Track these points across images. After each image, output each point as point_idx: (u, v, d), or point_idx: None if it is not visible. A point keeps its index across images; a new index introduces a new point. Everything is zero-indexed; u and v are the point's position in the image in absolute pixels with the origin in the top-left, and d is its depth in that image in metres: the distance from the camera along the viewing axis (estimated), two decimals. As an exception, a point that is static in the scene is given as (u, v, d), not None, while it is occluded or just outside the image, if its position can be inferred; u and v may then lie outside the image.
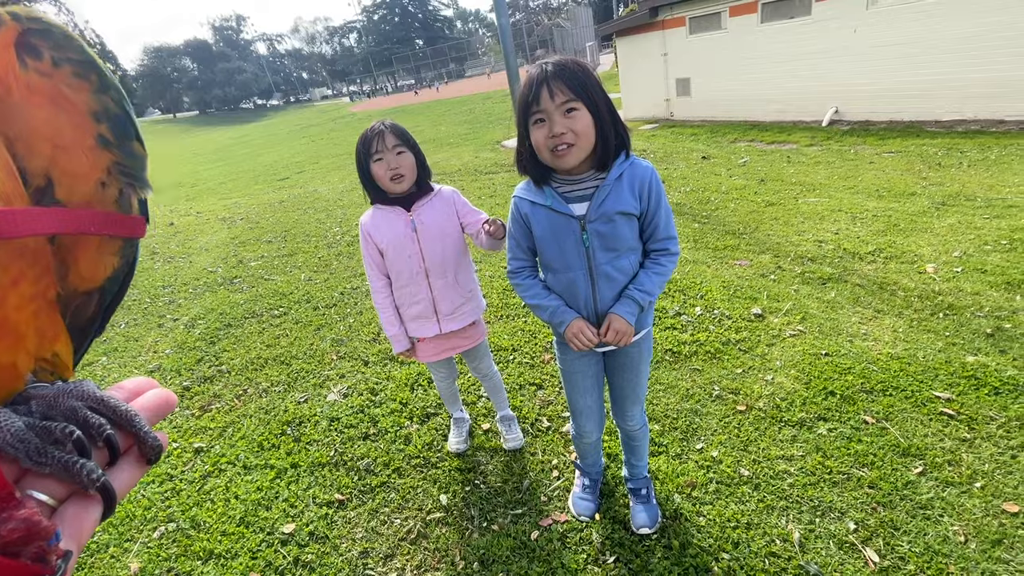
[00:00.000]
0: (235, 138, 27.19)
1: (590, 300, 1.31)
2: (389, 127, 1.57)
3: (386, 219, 1.66)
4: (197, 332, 3.61)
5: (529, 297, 1.38)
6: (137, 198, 0.46)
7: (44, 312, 0.40)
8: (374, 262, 1.72)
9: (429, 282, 1.70)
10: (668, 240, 1.29)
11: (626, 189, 1.22)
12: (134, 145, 0.44)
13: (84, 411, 0.34)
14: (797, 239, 3.79)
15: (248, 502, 1.99)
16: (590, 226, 1.24)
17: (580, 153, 1.18)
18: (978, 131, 6.49)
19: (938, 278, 2.94)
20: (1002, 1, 6.12)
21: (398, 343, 1.80)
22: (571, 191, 1.26)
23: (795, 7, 8.23)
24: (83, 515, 0.32)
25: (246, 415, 2.58)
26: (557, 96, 1.13)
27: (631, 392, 1.51)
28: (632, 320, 1.27)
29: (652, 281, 1.28)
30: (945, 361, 2.22)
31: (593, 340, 1.29)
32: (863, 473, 1.73)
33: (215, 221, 7.18)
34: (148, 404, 0.38)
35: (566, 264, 1.30)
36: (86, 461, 0.32)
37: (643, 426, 1.62)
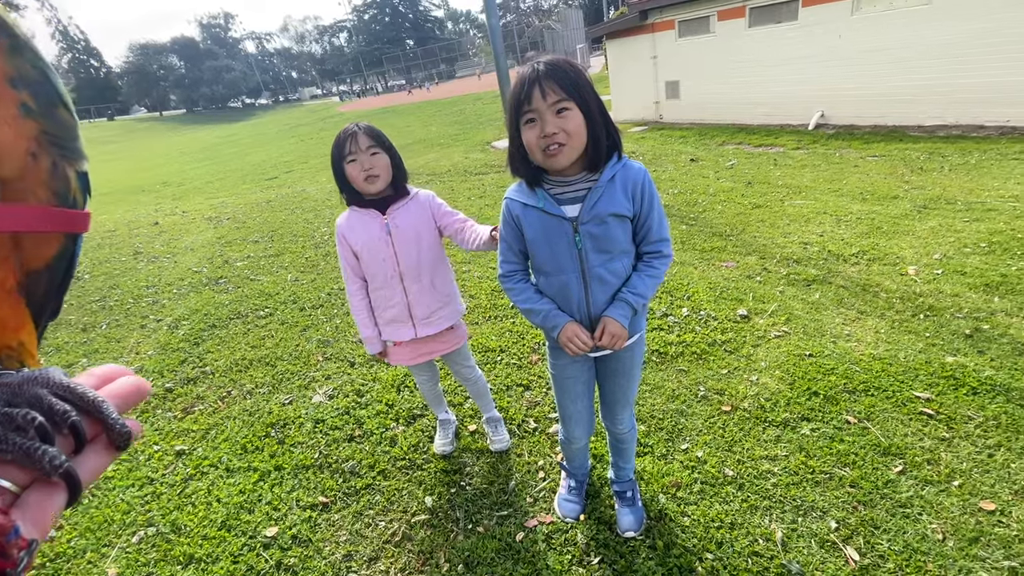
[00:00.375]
0: (223, 137, 26.89)
1: (583, 303, 1.29)
2: (363, 129, 1.56)
3: (361, 221, 1.64)
4: (181, 333, 3.56)
5: (521, 301, 1.36)
6: (74, 170, 0.43)
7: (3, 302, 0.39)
8: (349, 264, 1.70)
9: (404, 286, 1.68)
10: (661, 242, 1.28)
11: (619, 191, 1.21)
12: (60, 112, 0.41)
13: (49, 398, 0.34)
14: (783, 241, 3.84)
15: (230, 505, 1.96)
16: (583, 228, 1.22)
17: (572, 153, 1.17)
18: (959, 136, 6.61)
19: (919, 280, 2.99)
20: (982, 9, 6.25)
21: (371, 345, 1.79)
22: (563, 193, 1.24)
23: (782, 12, 8.34)
24: (46, 502, 0.31)
25: (230, 417, 2.54)
26: (549, 96, 1.11)
27: (622, 396, 1.50)
28: (626, 323, 1.26)
29: (645, 284, 1.26)
30: (925, 362, 2.25)
31: (588, 344, 1.27)
32: (845, 472, 1.75)
33: (201, 220, 7.09)
34: (118, 391, 0.37)
35: (558, 267, 1.28)
36: (48, 447, 0.31)
37: (631, 429, 1.62)
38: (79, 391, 0.35)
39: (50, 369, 0.37)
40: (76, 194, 0.44)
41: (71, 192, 0.43)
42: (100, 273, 5.20)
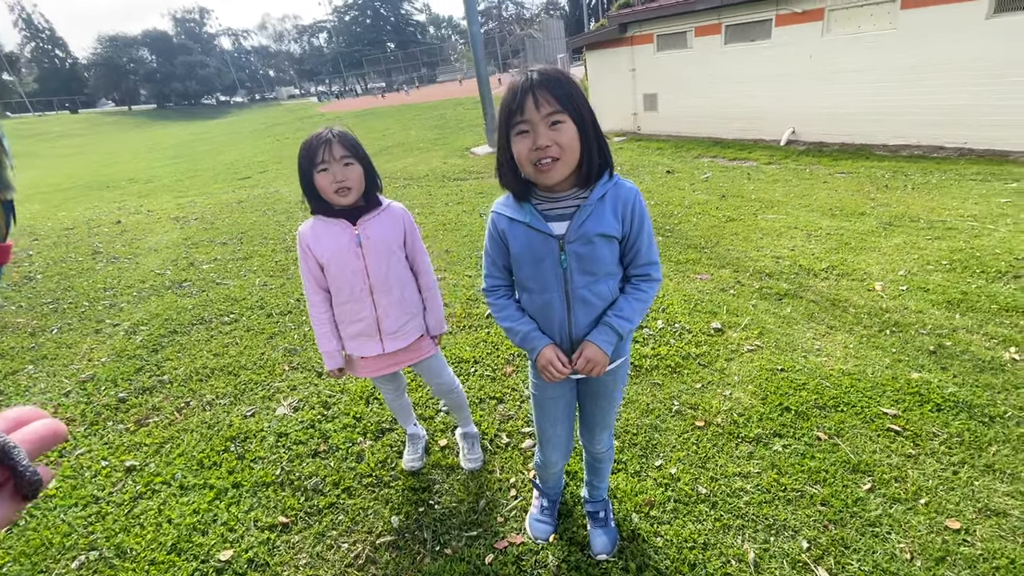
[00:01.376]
0: (195, 134, 26.14)
1: (565, 324, 1.24)
2: (337, 136, 1.47)
3: (329, 232, 1.56)
4: (139, 339, 3.39)
5: (502, 319, 1.31)
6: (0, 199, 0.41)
7: None
8: (312, 276, 1.62)
9: (374, 299, 1.61)
10: (649, 265, 1.23)
11: (608, 210, 1.16)
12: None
13: None
14: (756, 255, 3.89)
15: (182, 527, 1.84)
16: (569, 247, 1.17)
17: (564, 169, 1.11)
18: (921, 156, 6.88)
19: (885, 296, 3.06)
20: (942, 37, 6.54)
21: (331, 360, 1.70)
22: (551, 209, 1.19)
23: (757, 31, 8.57)
24: None
25: (187, 430, 2.41)
26: (543, 106, 1.05)
27: (602, 419, 1.46)
28: (608, 349, 1.20)
29: (632, 308, 1.21)
30: (892, 377, 2.29)
31: (564, 372, 1.23)
32: (816, 490, 1.75)
33: (167, 220, 6.83)
34: (31, 436, 0.36)
35: (542, 285, 1.23)
36: None
37: (610, 449, 1.58)
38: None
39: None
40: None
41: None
42: (54, 273, 4.94)
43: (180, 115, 46.20)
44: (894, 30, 7.01)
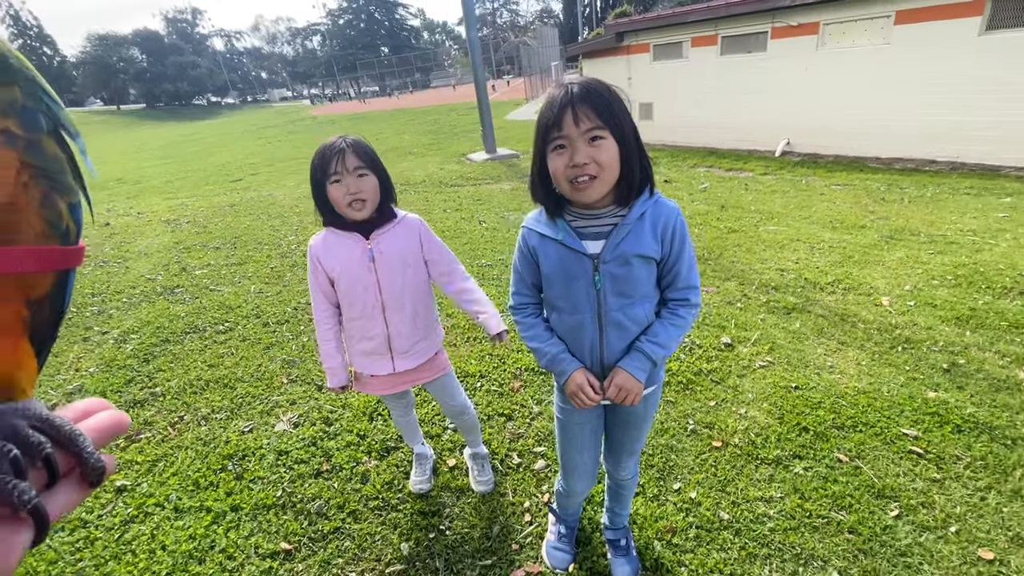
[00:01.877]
0: (185, 135, 25.81)
1: (596, 348, 1.17)
2: (351, 145, 1.39)
3: (341, 245, 1.49)
4: (129, 348, 3.26)
5: (529, 338, 1.25)
6: (65, 202, 0.43)
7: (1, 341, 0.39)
8: (322, 290, 1.54)
9: (385, 317, 1.54)
10: (689, 290, 1.16)
11: (648, 230, 1.10)
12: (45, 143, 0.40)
13: (26, 430, 0.34)
14: (760, 267, 3.87)
15: (177, 554, 1.74)
16: (604, 267, 1.11)
17: (603, 187, 1.06)
18: (914, 169, 6.96)
19: (893, 311, 3.04)
20: (934, 53, 6.64)
21: (335, 377, 1.61)
22: (586, 227, 1.12)
23: (752, 43, 8.64)
24: (12, 539, 0.31)
25: (181, 447, 2.31)
26: (583, 122, 1.00)
27: (631, 446, 1.38)
28: (642, 376, 1.13)
29: (668, 334, 1.14)
30: (908, 396, 2.26)
31: (595, 399, 1.16)
32: (842, 517, 1.70)
33: (158, 223, 6.67)
34: (96, 425, 0.38)
35: (573, 306, 1.16)
36: (19, 482, 0.31)
37: (635, 476, 1.51)
38: (56, 423, 0.35)
39: (31, 401, 0.37)
40: (69, 223, 0.44)
41: (63, 222, 0.43)
42: (39, 278, 4.77)
43: (170, 115, 45.67)
44: (888, 45, 7.10)
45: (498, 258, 4.38)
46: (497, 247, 4.65)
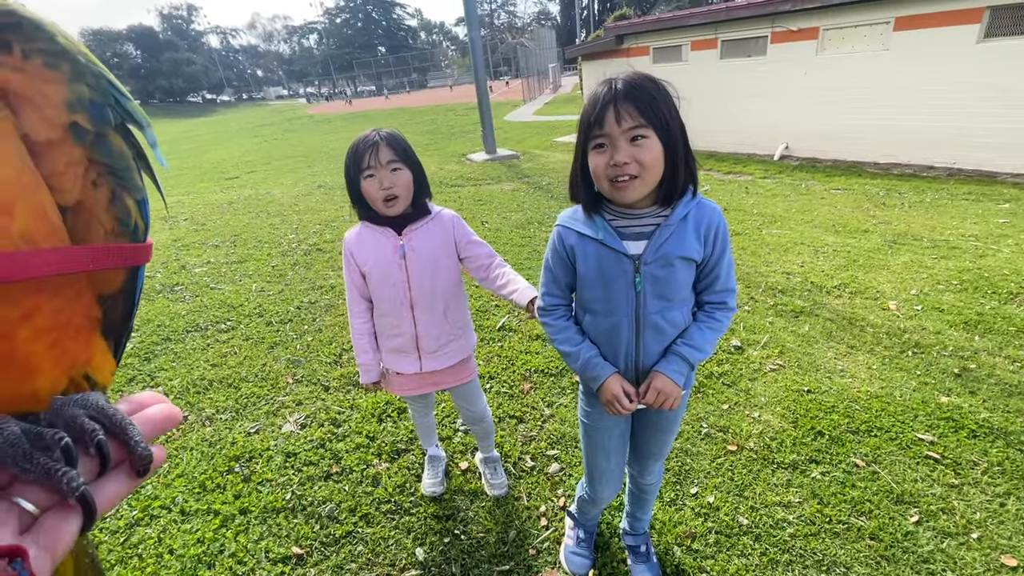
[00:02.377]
0: (180, 132, 25.60)
1: (632, 352, 1.15)
2: (385, 138, 1.36)
3: (373, 239, 1.47)
4: (129, 346, 3.20)
5: (560, 341, 1.21)
6: (133, 199, 0.44)
7: (70, 339, 0.40)
8: (355, 284, 1.52)
9: (414, 315, 1.51)
10: (727, 293, 1.14)
11: (691, 231, 1.07)
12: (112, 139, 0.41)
13: (82, 418, 0.35)
14: (766, 270, 3.87)
15: (186, 558, 1.70)
16: (645, 268, 1.08)
17: (644, 188, 1.03)
18: (912, 175, 7.01)
19: (901, 315, 3.04)
20: (932, 60, 6.69)
21: (367, 373, 1.60)
22: (627, 226, 1.09)
23: (752, 47, 8.68)
24: (61, 526, 0.32)
25: (186, 448, 2.26)
26: (625, 120, 0.98)
27: (659, 450, 1.36)
28: (680, 381, 1.11)
29: (705, 337, 1.12)
30: (921, 401, 2.25)
31: (630, 408, 1.13)
32: (862, 523, 1.68)
33: (154, 220, 6.57)
34: (149, 417, 0.39)
35: (610, 308, 1.14)
36: (68, 469, 0.32)
37: (659, 481, 1.49)
38: (108, 412, 0.37)
39: (91, 394, 0.39)
40: (138, 220, 0.45)
41: (132, 219, 0.44)
42: (34, 274, 4.69)
43: (164, 112, 45.32)
44: (887, 51, 7.15)
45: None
46: (501, 248, 4.63)
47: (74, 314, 0.40)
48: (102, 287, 0.45)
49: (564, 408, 2.37)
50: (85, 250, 0.38)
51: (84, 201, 0.40)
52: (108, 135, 0.40)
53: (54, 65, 0.38)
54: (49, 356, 0.38)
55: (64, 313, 0.39)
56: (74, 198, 0.39)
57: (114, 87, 0.41)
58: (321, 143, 14.86)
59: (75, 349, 0.41)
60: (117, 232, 0.42)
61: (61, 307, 0.39)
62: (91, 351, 0.43)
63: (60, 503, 0.32)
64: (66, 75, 0.38)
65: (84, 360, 0.42)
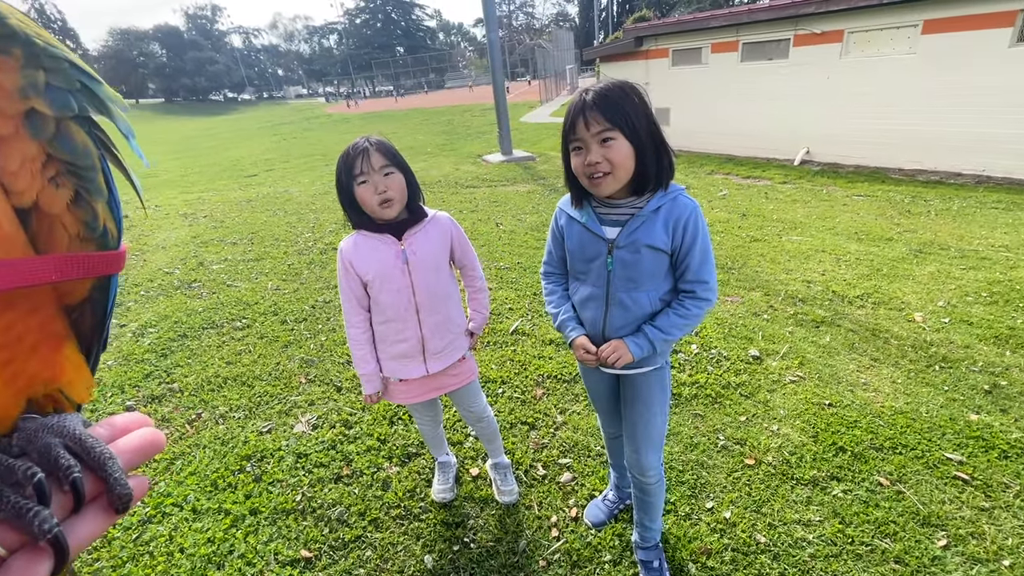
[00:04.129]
0: (201, 130, 26.07)
1: (600, 321, 1.32)
2: (375, 144, 1.36)
3: (372, 248, 1.45)
4: (147, 342, 3.25)
5: (548, 302, 1.44)
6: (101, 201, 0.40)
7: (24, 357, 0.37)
8: (354, 295, 1.50)
9: (419, 318, 1.50)
10: (697, 284, 1.24)
11: (660, 223, 1.20)
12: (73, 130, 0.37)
13: (58, 449, 0.33)
14: (785, 277, 3.78)
15: (196, 558, 1.70)
16: (616, 252, 1.24)
17: (615, 183, 1.17)
18: (938, 181, 6.81)
19: (927, 327, 2.95)
20: (961, 63, 6.50)
21: (370, 384, 1.58)
22: (608, 213, 1.26)
23: (774, 50, 8.54)
24: (30, 568, 0.30)
25: (199, 445, 2.27)
26: (592, 126, 1.12)
27: (644, 429, 1.40)
28: (638, 352, 1.26)
29: (671, 322, 1.25)
30: (949, 418, 2.17)
31: (590, 358, 1.32)
32: (887, 545, 1.62)
33: (175, 216, 6.70)
34: (131, 446, 0.36)
35: (589, 280, 1.33)
36: (40, 508, 0.30)
37: (659, 481, 1.48)
38: (87, 444, 0.34)
39: (69, 416, 0.36)
40: (107, 223, 0.41)
41: (100, 222, 0.40)
42: (58, 268, 4.79)
43: (187, 110, 46.20)
44: (914, 55, 6.97)
45: (516, 261, 4.33)
46: (515, 250, 4.60)
47: (29, 329, 0.37)
48: (66, 297, 0.41)
49: (577, 416, 2.34)
50: (46, 260, 0.35)
51: (43, 203, 0.36)
52: (69, 127, 0.37)
53: (4, 50, 0.34)
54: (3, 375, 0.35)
55: (15, 329, 0.36)
56: (30, 199, 0.35)
57: (79, 70, 0.38)
58: (339, 142, 15.00)
59: (33, 367, 0.38)
60: (83, 237, 0.39)
61: (12, 322, 0.35)
62: (57, 367, 0.40)
63: (30, 544, 0.30)
64: (18, 60, 0.34)
65: (48, 377, 0.39)
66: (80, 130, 0.37)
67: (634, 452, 1.44)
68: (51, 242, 0.37)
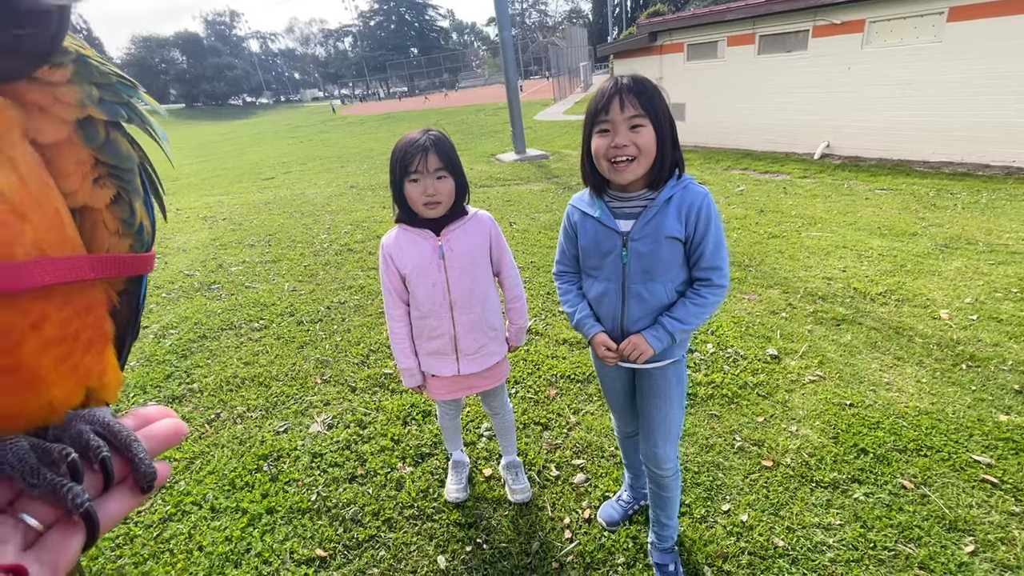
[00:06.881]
0: (221, 134, 26.58)
1: (617, 316, 1.32)
2: (433, 144, 1.36)
3: (412, 242, 1.47)
4: (168, 343, 3.32)
5: (564, 301, 1.44)
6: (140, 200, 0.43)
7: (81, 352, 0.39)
8: (394, 288, 1.52)
9: (453, 316, 1.51)
10: (712, 270, 1.25)
11: (672, 213, 1.22)
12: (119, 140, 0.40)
13: (88, 434, 0.36)
14: (804, 275, 3.70)
15: (214, 556, 1.73)
16: (632, 244, 1.25)
17: (639, 169, 1.19)
18: (965, 173, 6.60)
19: (954, 325, 2.85)
20: (990, 51, 6.28)
21: (410, 378, 1.61)
22: (621, 207, 1.28)
23: (792, 42, 8.36)
24: (64, 543, 0.32)
25: (217, 444, 2.32)
26: (627, 109, 1.15)
27: (660, 423, 1.39)
28: (657, 345, 1.27)
29: (688, 311, 1.25)
30: (977, 419, 2.10)
31: (611, 355, 1.32)
32: (910, 550, 1.57)
33: (196, 220, 6.84)
34: (155, 433, 0.39)
35: (603, 276, 1.33)
36: (74, 485, 0.32)
37: (676, 474, 1.47)
38: (114, 428, 0.37)
39: (98, 408, 0.39)
40: (143, 220, 0.44)
41: (137, 219, 0.43)
42: (84, 272, 4.93)
43: (207, 115, 47.16)
44: (939, 43, 6.76)
45: (529, 261, 4.31)
46: (529, 249, 4.59)
47: (85, 326, 0.39)
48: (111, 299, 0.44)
49: (591, 416, 2.32)
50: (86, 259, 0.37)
51: (89, 203, 0.39)
52: (116, 136, 0.40)
53: (60, 63, 0.36)
54: (59, 369, 0.37)
55: (74, 325, 0.38)
56: (81, 201, 0.38)
57: (124, 86, 0.41)
58: (355, 144, 15.15)
59: (87, 363, 0.40)
60: (122, 233, 0.41)
61: (70, 318, 0.38)
62: (103, 365, 0.42)
63: (64, 520, 0.32)
64: (75, 75, 0.37)
65: (98, 372, 0.41)
66: (123, 138, 0.41)
67: (650, 445, 1.43)
68: (94, 238, 0.40)
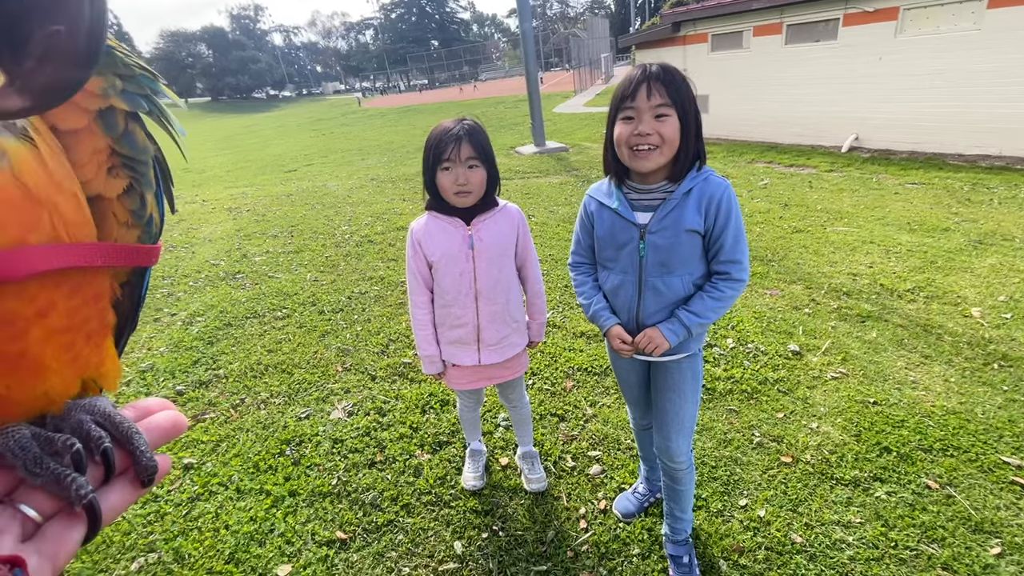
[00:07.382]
0: (245, 127, 27.06)
1: (633, 308, 1.31)
2: (467, 133, 1.37)
3: (442, 230, 1.48)
4: (195, 330, 3.42)
5: (579, 293, 1.43)
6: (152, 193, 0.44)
7: (83, 342, 0.39)
8: (420, 274, 1.54)
9: (477, 306, 1.52)
10: (731, 264, 1.23)
11: (692, 205, 1.20)
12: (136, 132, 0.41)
13: (89, 424, 0.35)
14: (829, 270, 3.62)
15: (240, 535, 1.79)
16: (649, 237, 1.24)
17: (661, 158, 1.17)
18: (1003, 167, 6.34)
19: (986, 323, 2.77)
20: (1031, 37, 6.00)
21: (431, 365, 1.64)
22: (639, 199, 1.26)
23: (821, 31, 8.12)
24: (65, 535, 0.31)
25: (242, 428, 2.39)
26: (654, 97, 1.13)
27: (675, 416, 1.38)
28: (673, 339, 1.25)
29: (705, 305, 1.24)
30: (1008, 420, 2.04)
31: (627, 348, 1.31)
32: (934, 551, 1.54)
33: (221, 211, 7.00)
34: (155, 425, 0.38)
35: (619, 268, 1.31)
36: (77, 475, 0.32)
37: (689, 468, 1.47)
38: (115, 420, 0.36)
39: (99, 398, 0.39)
40: (153, 212, 0.44)
41: (147, 210, 0.43)
42: (116, 260, 5.10)
43: (232, 108, 48.03)
44: (978, 31, 6.49)
45: (547, 254, 4.31)
46: (547, 242, 4.58)
47: (90, 316, 0.39)
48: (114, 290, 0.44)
49: (607, 408, 2.32)
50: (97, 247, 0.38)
51: (102, 192, 0.40)
52: (134, 127, 0.40)
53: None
54: (61, 358, 0.37)
55: (80, 314, 0.38)
56: (95, 190, 0.39)
57: (146, 79, 0.41)
58: (375, 137, 15.28)
59: (88, 353, 0.40)
60: (131, 224, 0.42)
61: (77, 308, 0.38)
62: (101, 356, 0.42)
63: (64, 511, 0.32)
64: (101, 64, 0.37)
65: (96, 364, 0.41)
66: (141, 130, 0.41)
67: (663, 438, 1.43)
68: (103, 227, 0.41)
